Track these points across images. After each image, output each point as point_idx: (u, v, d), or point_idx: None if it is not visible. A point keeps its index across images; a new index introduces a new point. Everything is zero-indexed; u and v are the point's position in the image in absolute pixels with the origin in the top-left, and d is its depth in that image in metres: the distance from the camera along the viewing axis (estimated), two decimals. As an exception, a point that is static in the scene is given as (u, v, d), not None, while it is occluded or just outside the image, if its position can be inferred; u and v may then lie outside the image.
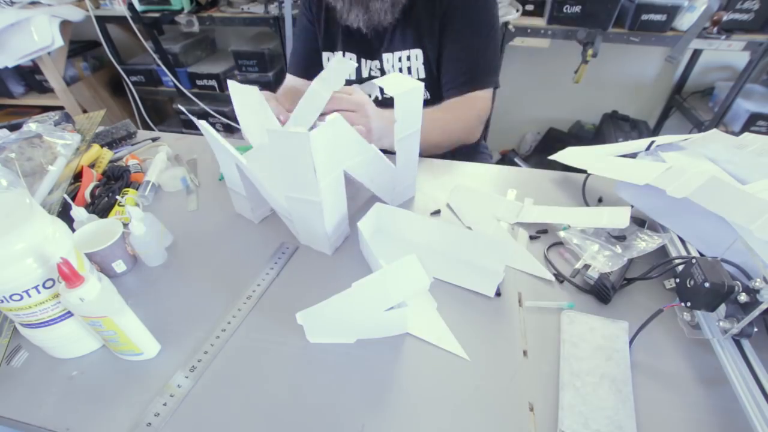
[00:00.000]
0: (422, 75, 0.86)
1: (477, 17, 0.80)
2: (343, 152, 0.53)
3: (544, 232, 0.61)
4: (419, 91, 0.56)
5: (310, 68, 0.93)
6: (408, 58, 0.85)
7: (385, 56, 0.86)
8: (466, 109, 0.84)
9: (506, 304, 0.51)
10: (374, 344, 0.47)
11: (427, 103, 0.76)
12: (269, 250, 0.60)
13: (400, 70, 0.86)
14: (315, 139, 0.45)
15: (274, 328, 0.50)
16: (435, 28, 0.81)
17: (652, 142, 0.66)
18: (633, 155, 0.66)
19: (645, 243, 0.54)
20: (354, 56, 0.89)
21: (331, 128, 0.49)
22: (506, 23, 1.49)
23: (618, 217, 0.56)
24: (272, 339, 0.48)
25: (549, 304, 0.50)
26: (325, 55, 0.92)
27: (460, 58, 0.82)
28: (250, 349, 0.47)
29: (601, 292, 0.50)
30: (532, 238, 0.60)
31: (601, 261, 0.52)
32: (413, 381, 0.43)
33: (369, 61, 0.90)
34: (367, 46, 0.87)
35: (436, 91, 0.87)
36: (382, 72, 0.89)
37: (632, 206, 0.59)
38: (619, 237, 0.55)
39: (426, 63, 0.85)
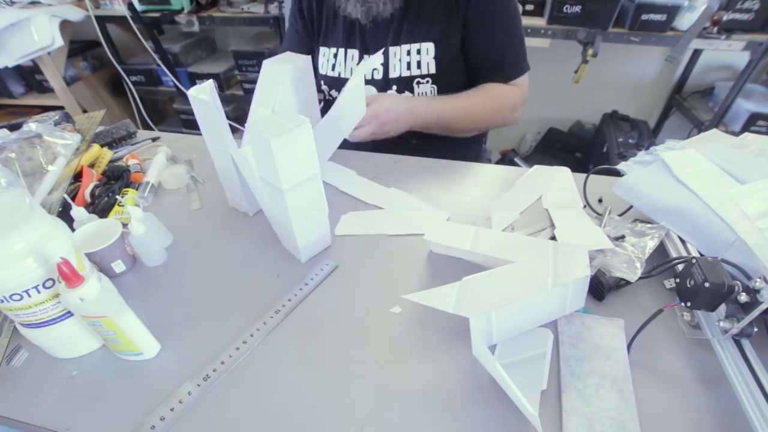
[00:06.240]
0: (432, 70, 0.83)
1: (501, 7, 0.80)
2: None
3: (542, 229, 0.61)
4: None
5: None
6: (418, 52, 0.82)
7: (392, 50, 0.83)
8: (500, 99, 0.86)
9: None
10: (386, 360, 0.47)
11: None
12: (275, 251, 0.60)
13: (408, 64, 0.82)
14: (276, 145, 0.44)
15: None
16: (454, 22, 0.79)
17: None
18: (633, 154, 0.66)
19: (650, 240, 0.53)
20: (356, 52, 0.86)
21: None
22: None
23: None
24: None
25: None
26: (322, 50, 0.90)
27: (488, 52, 0.83)
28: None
29: (596, 289, 0.50)
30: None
31: (600, 259, 0.52)
32: (413, 382, 0.43)
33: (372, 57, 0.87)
34: (371, 40, 0.85)
35: (445, 88, 0.84)
36: (387, 67, 0.85)
37: (631, 206, 0.59)
38: (618, 237, 0.55)
39: (437, 58, 0.82)
